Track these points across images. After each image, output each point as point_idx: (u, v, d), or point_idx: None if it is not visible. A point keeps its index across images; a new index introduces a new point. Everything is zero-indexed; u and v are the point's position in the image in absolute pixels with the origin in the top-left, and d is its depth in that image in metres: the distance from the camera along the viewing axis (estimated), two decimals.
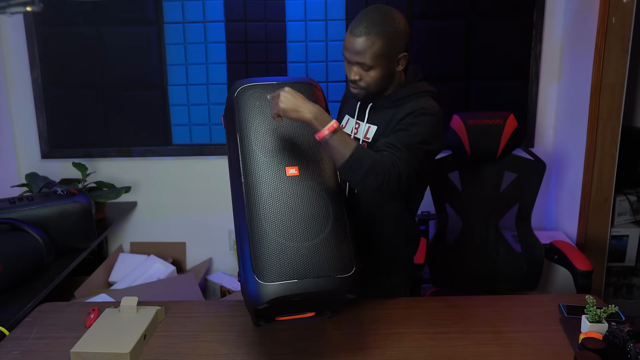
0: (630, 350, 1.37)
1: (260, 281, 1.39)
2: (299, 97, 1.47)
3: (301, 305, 1.54)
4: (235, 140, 1.59)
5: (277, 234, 1.44)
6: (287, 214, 1.46)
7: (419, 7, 2.68)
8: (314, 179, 1.53)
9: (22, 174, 2.79)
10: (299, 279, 1.39)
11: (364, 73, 1.61)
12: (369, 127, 1.70)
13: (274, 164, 1.53)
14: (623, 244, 2.83)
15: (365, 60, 1.58)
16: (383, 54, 1.58)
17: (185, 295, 2.55)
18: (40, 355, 1.54)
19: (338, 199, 1.56)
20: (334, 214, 1.51)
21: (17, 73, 2.76)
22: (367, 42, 1.56)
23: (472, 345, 1.56)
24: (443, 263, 2.37)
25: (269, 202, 1.48)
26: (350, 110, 1.79)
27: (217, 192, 2.83)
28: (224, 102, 2.82)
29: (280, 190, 1.49)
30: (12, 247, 1.90)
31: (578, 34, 2.58)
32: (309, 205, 1.49)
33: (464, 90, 2.77)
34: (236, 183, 1.57)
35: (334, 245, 1.46)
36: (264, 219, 1.46)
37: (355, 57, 1.59)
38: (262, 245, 1.43)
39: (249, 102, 1.60)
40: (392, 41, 1.58)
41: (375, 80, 1.62)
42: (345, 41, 1.61)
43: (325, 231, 1.47)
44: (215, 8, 2.68)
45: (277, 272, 1.39)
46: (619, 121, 2.45)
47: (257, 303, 1.40)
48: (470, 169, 2.32)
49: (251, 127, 1.57)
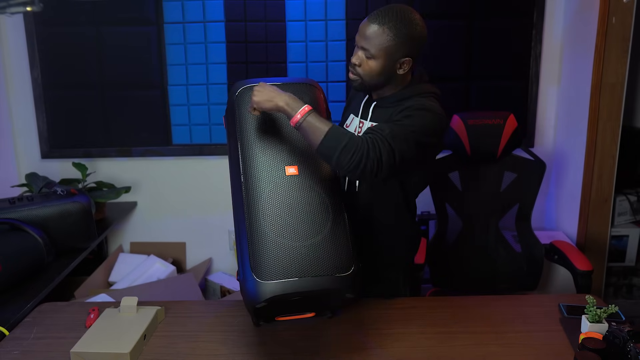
0: (630, 351, 1.37)
1: (258, 280, 1.39)
2: (273, 89, 1.52)
3: (300, 304, 1.54)
4: (235, 141, 1.59)
5: (275, 233, 1.44)
6: (286, 213, 1.47)
7: (419, 7, 2.66)
8: (313, 178, 1.54)
9: (22, 174, 2.79)
10: (297, 278, 1.39)
11: (365, 60, 1.62)
12: (372, 124, 1.70)
13: (274, 164, 1.53)
14: (623, 244, 2.83)
15: (369, 47, 1.59)
16: (388, 48, 1.58)
17: (185, 295, 2.55)
18: (40, 355, 1.54)
19: (337, 198, 1.56)
20: (333, 213, 1.51)
21: (17, 73, 2.76)
22: (378, 30, 1.57)
23: (472, 345, 1.56)
24: (443, 263, 2.37)
25: (268, 201, 1.48)
26: (354, 109, 1.80)
27: (217, 192, 2.84)
28: (224, 102, 2.83)
29: (280, 189, 1.50)
30: (12, 247, 1.90)
31: (578, 34, 2.58)
32: (308, 204, 1.49)
33: (464, 90, 2.77)
34: (236, 183, 1.57)
35: (333, 244, 1.46)
36: (262, 217, 1.46)
37: (362, 41, 1.60)
38: (261, 244, 1.43)
39: (249, 103, 1.59)
40: (402, 40, 1.58)
41: (371, 71, 1.62)
42: (360, 25, 1.63)
43: (324, 230, 1.47)
44: (215, 8, 2.68)
45: (276, 270, 1.39)
46: (619, 121, 2.45)
47: (255, 302, 1.40)
48: (470, 169, 2.32)
49: (251, 127, 1.58)
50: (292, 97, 1.51)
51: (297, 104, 1.50)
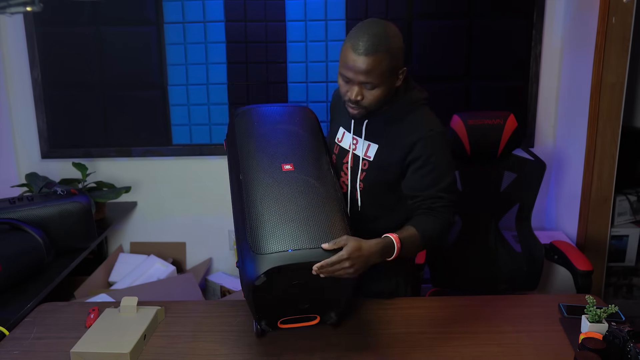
0: (630, 350, 1.37)
1: (257, 254, 1.42)
2: (359, 256, 1.43)
3: (301, 294, 1.52)
4: (235, 154, 1.66)
5: (272, 215, 1.48)
6: (283, 199, 1.51)
7: (419, 7, 2.68)
8: (308, 173, 1.58)
9: (22, 174, 2.79)
10: (294, 250, 1.42)
11: (367, 92, 1.55)
12: (369, 145, 1.68)
13: (271, 162, 1.59)
14: (623, 244, 2.83)
15: (372, 80, 1.52)
16: (389, 71, 1.53)
17: (185, 295, 2.55)
18: (40, 355, 1.54)
19: (332, 187, 1.59)
20: (328, 198, 1.55)
21: (17, 73, 2.76)
22: (375, 61, 1.49)
23: (472, 345, 1.56)
24: (443, 263, 2.37)
25: (265, 190, 1.53)
26: (345, 124, 1.76)
27: (217, 192, 2.83)
28: (224, 102, 2.84)
29: (276, 180, 1.55)
30: (12, 247, 1.90)
31: (578, 34, 2.58)
32: (304, 192, 1.53)
33: (464, 90, 2.77)
34: (235, 185, 1.62)
35: (328, 220, 1.49)
36: (260, 203, 1.51)
37: (360, 76, 1.51)
38: (258, 224, 1.47)
39: (249, 119, 1.70)
40: (396, 57, 1.54)
41: (378, 98, 1.57)
42: (346, 59, 1.52)
43: (320, 210, 1.50)
44: (215, 8, 2.68)
45: (273, 244, 1.43)
46: (619, 121, 2.45)
47: (254, 279, 1.40)
48: (470, 169, 2.32)
49: (251, 141, 1.65)
50: (375, 250, 1.47)
51: (386, 249, 1.50)
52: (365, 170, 1.70)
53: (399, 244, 1.51)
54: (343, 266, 1.41)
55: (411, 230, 1.56)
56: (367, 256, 1.45)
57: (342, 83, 1.58)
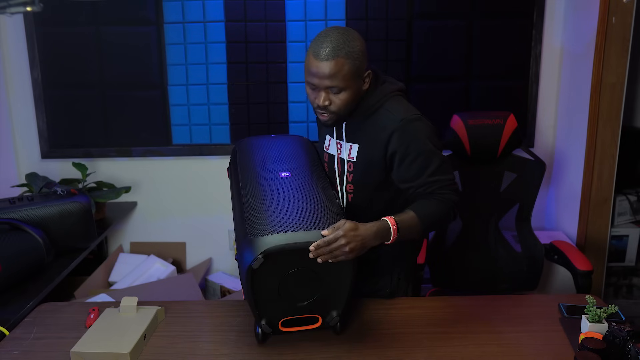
0: (630, 350, 1.37)
1: (254, 237, 1.44)
2: (357, 235, 1.45)
3: (301, 289, 1.51)
4: (236, 168, 1.74)
5: (271, 205, 1.52)
6: (282, 197, 1.55)
7: (419, 7, 2.68)
8: (305, 179, 1.63)
9: (22, 174, 2.79)
10: (291, 232, 1.44)
11: (334, 97, 1.59)
12: (350, 146, 1.71)
13: (269, 171, 1.66)
14: (623, 244, 2.83)
15: (337, 83, 1.55)
16: (353, 73, 1.57)
17: (185, 295, 2.55)
18: (40, 355, 1.54)
19: (331, 192, 1.63)
20: (328, 197, 1.59)
21: (17, 73, 2.75)
22: (338, 64, 1.53)
23: (472, 345, 1.56)
24: (443, 263, 2.37)
25: (263, 190, 1.58)
26: (329, 130, 1.80)
27: (217, 192, 2.83)
28: (224, 103, 2.85)
29: (274, 182, 1.60)
30: (12, 247, 1.90)
31: (578, 34, 2.58)
32: (300, 190, 1.58)
33: (464, 90, 2.77)
34: (235, 191, 1.69)
35: (325, 206, 1.54)
36: (258, 197, 1.56)
37: (324, 81, 1.56)
38: (257, 215, 1.51)
39: (250, 143, 1.81)
40: (359, 60, 1.57)
41: (346, 102, 1.60)
42: (309, 67, 1.57)
43: (318, 205, 1.54)
44: (215, 8, 2.68)
45: (270, 227, 1.46)
46: (619, 121, 2.45)
47: (252, 261, 1.41)
48: (470, 169, 2.32)
49: (250, 156, 1.74)
50: (372, 230, 1.49)
51: (383, 230, 1.51)
52: (351, 172, 1.72)
53: (394, 226, 1.52)
54: (339, 244, 1.42)
55: (409, 213, 1.57)
56: (364, 236, 1.47)
57: (310, 91, 1.63)
